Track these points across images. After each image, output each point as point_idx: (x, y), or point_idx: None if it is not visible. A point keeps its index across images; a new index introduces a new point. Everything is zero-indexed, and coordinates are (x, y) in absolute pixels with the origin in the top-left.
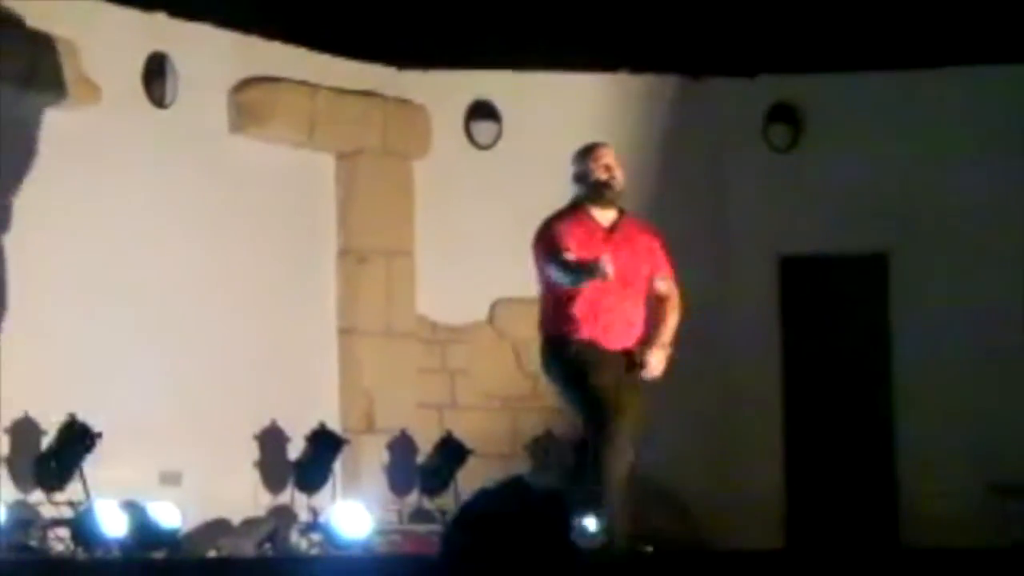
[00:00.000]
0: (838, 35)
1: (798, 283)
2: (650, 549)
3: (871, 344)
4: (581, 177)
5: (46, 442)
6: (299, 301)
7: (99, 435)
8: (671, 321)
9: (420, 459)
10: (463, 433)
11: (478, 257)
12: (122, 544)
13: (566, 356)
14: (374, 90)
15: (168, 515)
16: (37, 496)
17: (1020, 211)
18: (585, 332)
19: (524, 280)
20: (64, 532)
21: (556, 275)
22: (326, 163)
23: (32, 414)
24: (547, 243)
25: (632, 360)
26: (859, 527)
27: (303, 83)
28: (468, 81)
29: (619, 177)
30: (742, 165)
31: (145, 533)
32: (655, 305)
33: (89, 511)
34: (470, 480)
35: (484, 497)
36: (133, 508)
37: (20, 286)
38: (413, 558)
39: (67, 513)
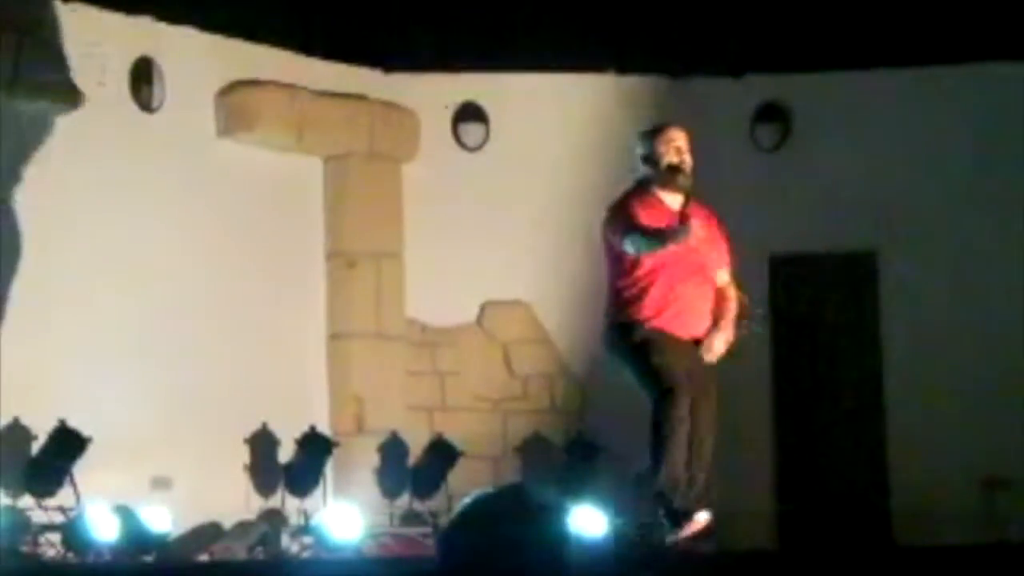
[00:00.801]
0: (825, 35)
1: (787, 282)
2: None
3: (861, 341)
4: (648, 159)
5: (36, 447)
6: (288, 305)
7: (89, 440)
8: (732, 308)
9: (410, 461)
10: (453, 435)
11: (467, 259)
12: (113, 549)
13: (633, 339)
14: (362, 93)
15: (159, 519)
16: (28, 502)
17: (1007, 208)
18: (655, 321)
19: (513, 282)
20: (55, 537)
21: (634, 244)
22: (314, 167)
23: (23, 420)
24: (622, 217)
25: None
26: (851, 525)
27: (290, 86)
28: (455, 83)
29: (689, 161)
30: (730, 165)
31: (136, 538)
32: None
33: (80, 516)
34: (461, 482)
35: (482, 501)
36: (124, 513)
37: (10, 292)
38: (404, 561)
39: (58, 519)
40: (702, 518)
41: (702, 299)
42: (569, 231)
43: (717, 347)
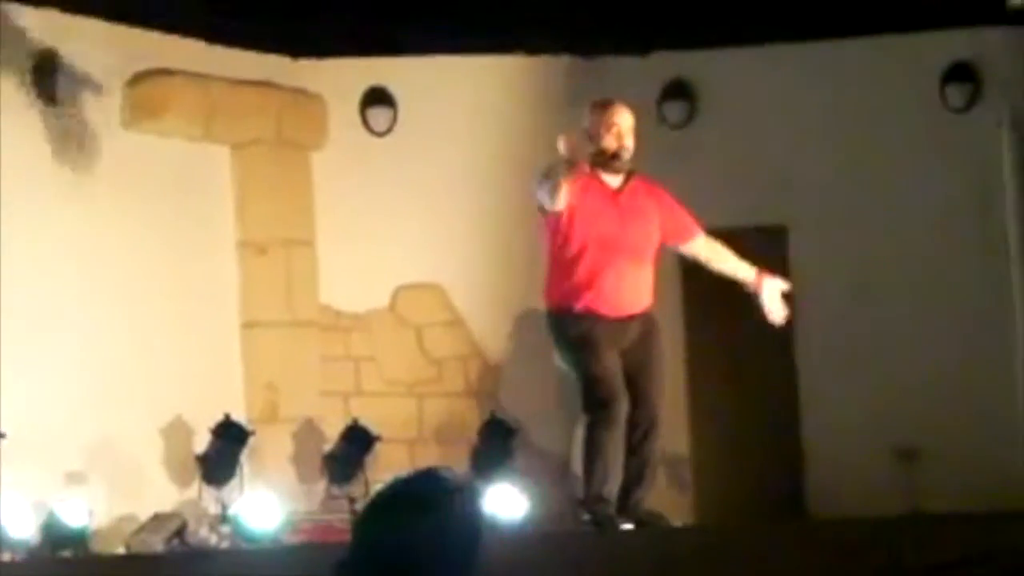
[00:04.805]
0: (730, 11)
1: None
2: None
3: None
4: (590, 136)
5: None
6: (200, 294)
7: (2, 436)
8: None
9: (327, 448)
10: (369, 420)
11: (379, 244)
12: (30, 545)
13: (568, 338)
14: (269, 80)
15: (75, 514)
16: None
17: (918, 180)
18: (585, 300)
19: (425, 266)
20: None
21: (545, 195)
22: (222, 155)
23: None
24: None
25: (646, 327)
26: (766, 498)
27: (196, 75)
28: (363, 68)
29: (630, 146)
30: (638, 143)
31: (53, 533)
32: (715, 262)
33: None
34: (378, 467)
35: (398, 486)
36: (40, 509)
37: None
38: (323, 547)
39: None
40: (626, 527)
41: (635, 275)
42: (479, 213)
43: (776, 312)
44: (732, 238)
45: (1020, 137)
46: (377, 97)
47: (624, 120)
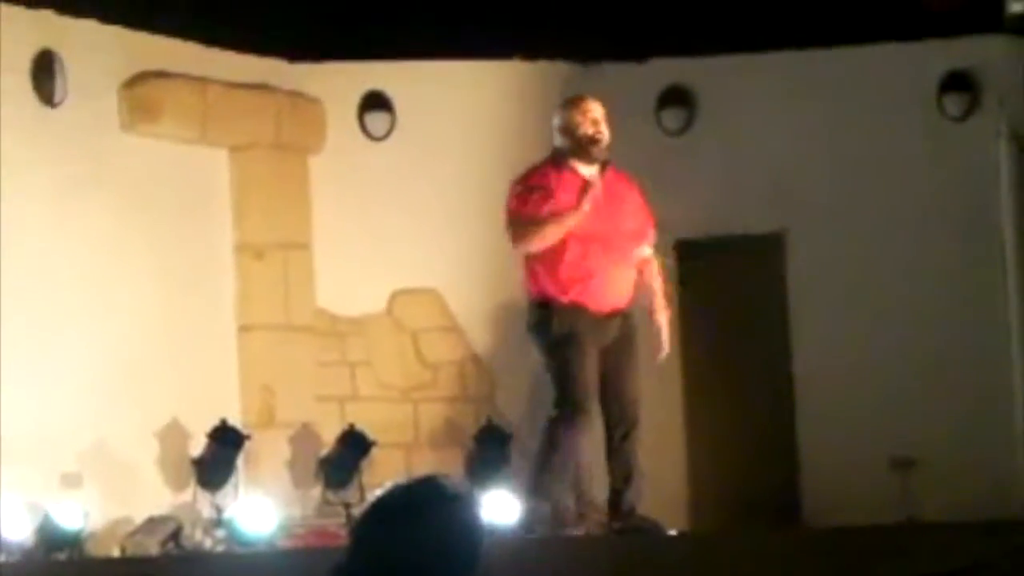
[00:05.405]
0: (729, 17)
1: (695, 266)
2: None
3: (770, 324)
4: (566, 130)
5: None
6: (197, 298)
7: None
8: (660, 287)
9: (323, 452)
10: (365, 425)
11: (375, 249)
12: (25, 547)
13: (552, 331)
14: (267, 83)
15: (70, 516)
16: None
17: (915, 188)
18: (571, 295)
19: (422, 271)
20: None
21: (540, 237)
22: (219, 158)
23: None
24: (522, 191)
25: (625, 328)
26: (761, 506)
27: (194, 78)
28: (361, 72)
29: (606, 132)
30: (636, 149)
31: (48, 535)
32: (640, 270)
33: None
34: (374, 472)
35: (396, 491)
36: (35, 511)
37: None
38: (318, 552)
39: None
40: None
41: (620, 270)
42: (476, 219)
43: (666, 342)
44: (730, 245)
45: (1017, 146)
46: (375, 102)
47: (597, 109)
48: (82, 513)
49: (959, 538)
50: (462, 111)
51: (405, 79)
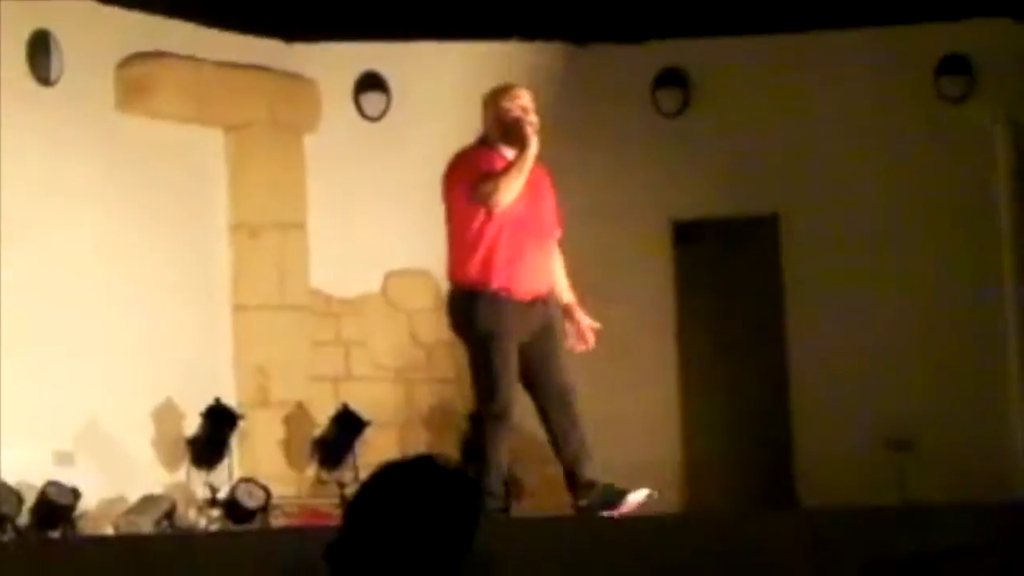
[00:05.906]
0: None
1: (691, 247)
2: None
3: (765, 305)
4: (495, 117)
5: None
6: (191, 277)
7: None
8: (564, 278)
9: (317, 432)
10: (359, 405)
11: (371, 229)
12: (18, 525)
13: (478, 320)
14: (262, 63)
15: (64, 495)
16: None
17: (911, 170)
18: (495, 280)
19: (417, 251)
20: None
21: (484, 191)
22: (215, 138)
23: None
24: (464, 170)
25: (547, 319)
26: (756, 487)
27: (190, 58)
28: (357, 53)
29: (535, 120)
30: (632, 131)
31: (42, 513)
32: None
33: None
34: (368, 452)
35: (391, 470)
36: (29, 488)
37: None
38: (312, 531)
39: None
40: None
41: (543, 257)
42: None
43: (590, 335)
44: (725, 226)
45: (1015, 129)
46: (371, 82)
47: (525, 97)
48: (76, 491)
49: (954, 519)
50: (458, 92)
51: (401, 59)
